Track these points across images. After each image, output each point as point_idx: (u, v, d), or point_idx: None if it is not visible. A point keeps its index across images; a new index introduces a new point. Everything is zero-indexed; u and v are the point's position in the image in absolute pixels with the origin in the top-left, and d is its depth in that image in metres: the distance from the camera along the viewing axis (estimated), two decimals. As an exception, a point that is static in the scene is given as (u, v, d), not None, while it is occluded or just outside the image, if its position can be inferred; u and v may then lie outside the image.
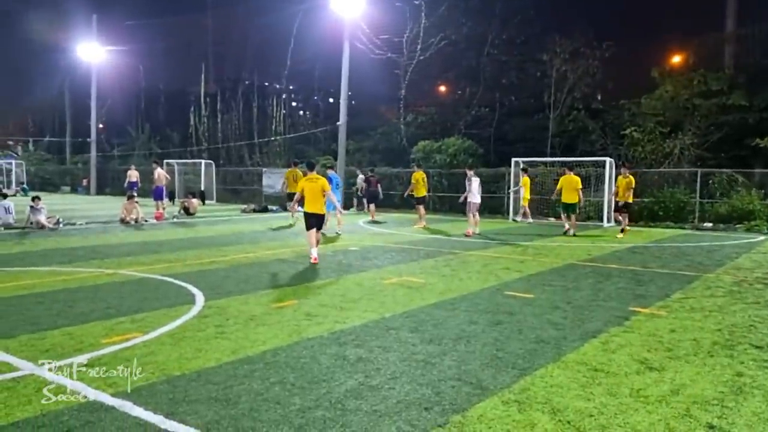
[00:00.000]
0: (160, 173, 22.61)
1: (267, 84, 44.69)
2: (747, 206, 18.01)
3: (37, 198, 16.19)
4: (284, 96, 39.27)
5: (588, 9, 38.68)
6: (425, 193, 18.36)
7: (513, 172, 20.86)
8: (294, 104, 47.86)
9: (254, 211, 23.12)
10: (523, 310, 6.64)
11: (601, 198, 19.12)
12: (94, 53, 38.95)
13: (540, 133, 27.12)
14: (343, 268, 9.48)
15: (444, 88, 34.81)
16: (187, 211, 20.17)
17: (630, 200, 15.36)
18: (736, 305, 7.09)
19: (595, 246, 13.15)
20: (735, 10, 27.65)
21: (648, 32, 39.83)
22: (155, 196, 21.77)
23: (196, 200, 22.02)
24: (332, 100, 40.37)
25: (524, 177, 19.54)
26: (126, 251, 11.27)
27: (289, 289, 7.79)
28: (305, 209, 10.23)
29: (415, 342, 5.33)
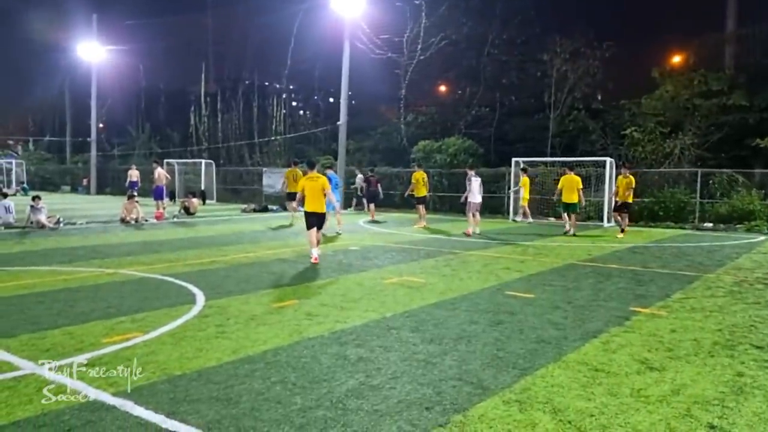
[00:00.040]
0: (161, 173, 22.62)
1: (267, 83, 44.67)
2: (747, 206, 18.02)
3: (38, 197, 16.19)
4: (284, 95, 39.27)
5: (588, 9, 38.73)
6: (426, 193, 18.35)
7: (513, 172, 20.86)
8: (294, 104, 47.85)
9: (254, 211, 23.12)
10: (524, 310, 6.64)
11: (602, 198, 19.12)
12: (95, 53, 38.96)
13: (540, 133, 27.11)
14: (344, 268, 9.49)
15: (444, 88, 34.82)
16: (188, 211, 20.18)
17: (630, 200, 15.37)
18: (737, 305, 7.09)
19: (596, 246, 13.15)
20: (735, 11, 27.67)
21: (648, 32, 39.90)
22: (155, 196, 21.78)
23: (197, 200, 22.02)
24: (332, 100, 40.35)
25: (524, 177, 19.54)
26: (126, 251, 11.28)
27: (290, 289, 7.79)
28: (305, 208, 10.20)
29: (416, 342, 5.33)
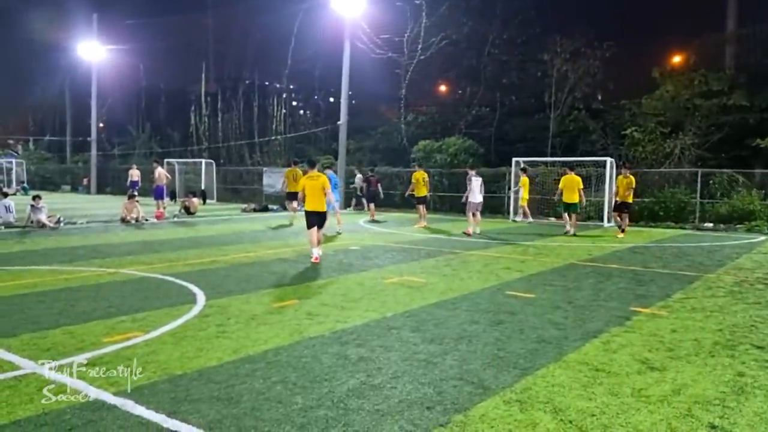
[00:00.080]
0: (161, 172, 22.62)
1: (267, 83, 44.67)
2: (747, 206, 18.03)
3: (38, 197, 16.19)
4: (285, 95, 39.24)
5: (589, 9, 38.73)
6: (426, 193, 18.34)
7: (513, 172, 20.86)
8: (294, 103, 47.83)
9: (255, 211, 23.12)
10: (525, 310, 6.64)
11: (602, 198, 19.13)
12: (95, 52, 38.95)
13: (540, 133, 27.11)
14: (344, 268, 9.49)
15: (445, 88, 34.82)
16: (188, 211, 20.18)
17: (630, 200, 15.36)
18: (737, 305, 7.09)
19: (596, 246, 13.15)
20: (736, 11, 27.69)
21: (649, 32, 39.92)
22: (156, 196, 21.78)
23: (197, 199, 22.02)
24: (333, 100, 40.34)
25: (523, 177, 19.54)
26: (127, 250, 11.28)
27: (290, 289, 7.79)
28: (306, 208, 10.18)
29: (417, 341, 5.33)
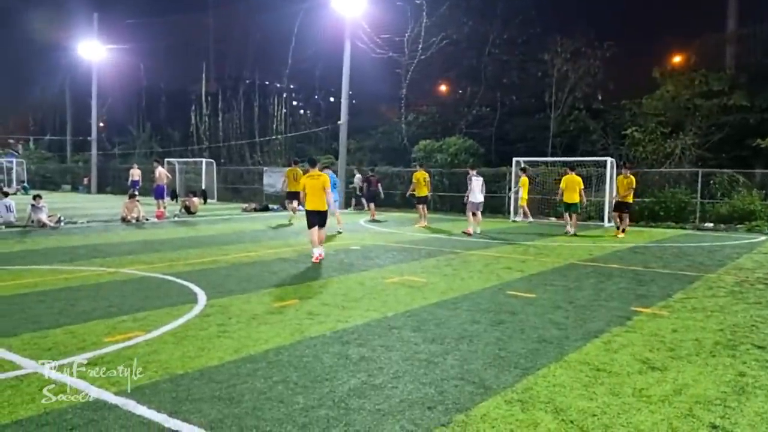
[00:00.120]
0: (161, 172, 22.58)
1: (268, 83, 44.68)
2: (748, 206, 18.03)
3: (39, 196, 16.20)
4: (285, 95, 39.24)
5: (589, 9, 38.80)
6: (427, 193, 18.34)
7: (514, 172, 20.86)
8: (295, 103, 47.82)
9: (255, 210, 23.13)
10: (525, 310, 6.64)
11: (602, 198, 19.13)
12: (95, 52, 38.96)
13: (541, 133, 27.11)
14: (345, 267, 9.49)
15: (445, 88, 34.82)
16: (188, 210, 20.19)
17: (630, 200, 15.36)
18: (738, 305, 7.09)
19: (596, 246, 13.15)
20: (736, 11, 27.70)
21: (649, 32, 39.99)
22: (156, 195, 21.77)
23: (197, 199, 22.02)
24: (333, 99, 40.37)
25: (523, 177, 19.54)
26: (127, 250, 11.28)
27: (291, 288, 7.79)
28: (306, 207, 10.16)
29: (418, 341, 5.33)
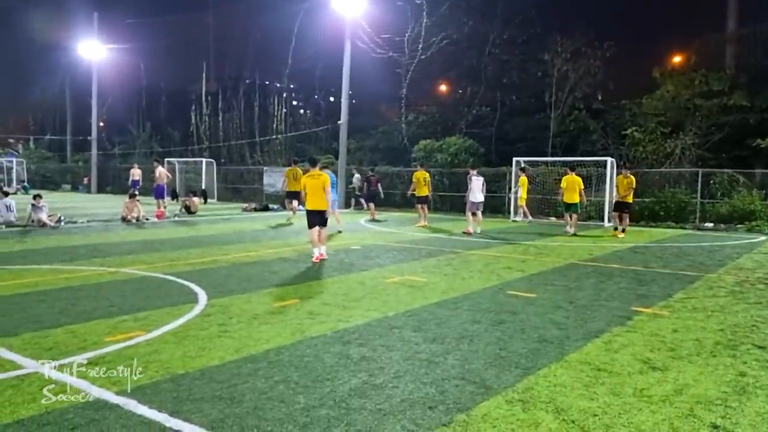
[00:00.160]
0: (162, 172, 22.57)
1: (268, 82, 44.70)
2: (748, 206, 18.03)
3: (39, 196, 16.20)
4: (285, 94, 39.26)
5: (589, 9, 38.83)
6: (427, 193, 18.33)
7: (514, 172, 20.86)
8: (295, 103, 47.84)
9: (255, 210, 23.13)
10: (526, 310, 6.65)
11: (602, 198, 19.13)
12: (95, 51, 38.93)
13: (541, 133, 27.11)
14: (345, 267, 9.49)
15: (445, 88, 34.82)
16: (189, 210, 20.19)
17: (630, 200, 15.36)
18: (738, 305, 7.09)
19: (597, 246, 13.15)
20: (736, 11, 27.70)
21: (649, 32, 40.01)
22: (156, 195, 21.77)
23: (198, 199, 22.02)
24: (333, 99, 40.37)
25: (522, 177, 19.54)
26: (128, 249, 11.28)
27: (292, 288, 7.80)
28: (307, 207, 10.14)
29: (419, 341, 5.33)
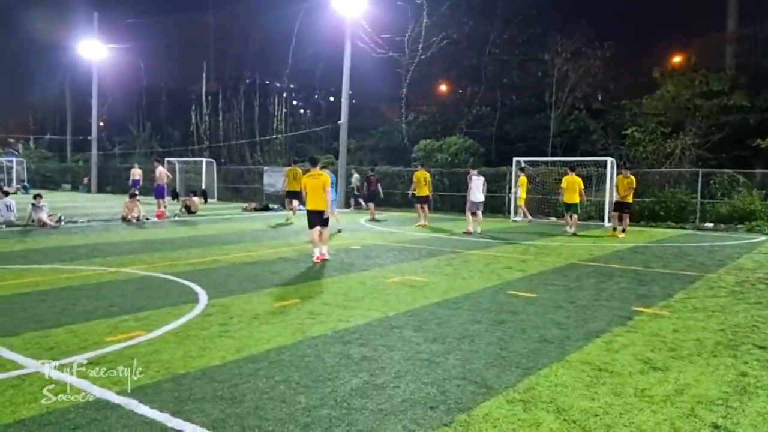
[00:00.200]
0: (162, 171, 22.57)
1: (268, 82, 44.70)
2: (748, 206, 18.02)
3: (39, 196, 16.20)
4: (285, 94, 39.29)
5: (589, 9, 38.83)
6: (428, 193, 18.33)
7: (514, 172, 20.87)
8: (295, 103, 47.86)
9: (255, 210, 23.13)
10: (527, 310, 6.65)
11: (602, 198, 19.13)
12: (95, 51, 38.92)
13: (541, 133, 27.11)
14: (346, 267, 9.49)
15: (445, 87, 34.83)
16: (189, 210, 20.19)
17: (630, 200, 15.35)
18: (739, 305, 7.09)
19: (597, 246, 13.15)
20: (736, 11, 27.71)
21: (649, 32, 40.03)
22: (156, 195, 21.77)
23: (198, 198, 22.02)
24: (333, 99, 40.38)
25: (521, 176, 19.54)
26: (128, 249, 11.28)
27: (292, 288, 7.80)
28: (307, 207, 10.13)
29: (419, 341, 5.33)
